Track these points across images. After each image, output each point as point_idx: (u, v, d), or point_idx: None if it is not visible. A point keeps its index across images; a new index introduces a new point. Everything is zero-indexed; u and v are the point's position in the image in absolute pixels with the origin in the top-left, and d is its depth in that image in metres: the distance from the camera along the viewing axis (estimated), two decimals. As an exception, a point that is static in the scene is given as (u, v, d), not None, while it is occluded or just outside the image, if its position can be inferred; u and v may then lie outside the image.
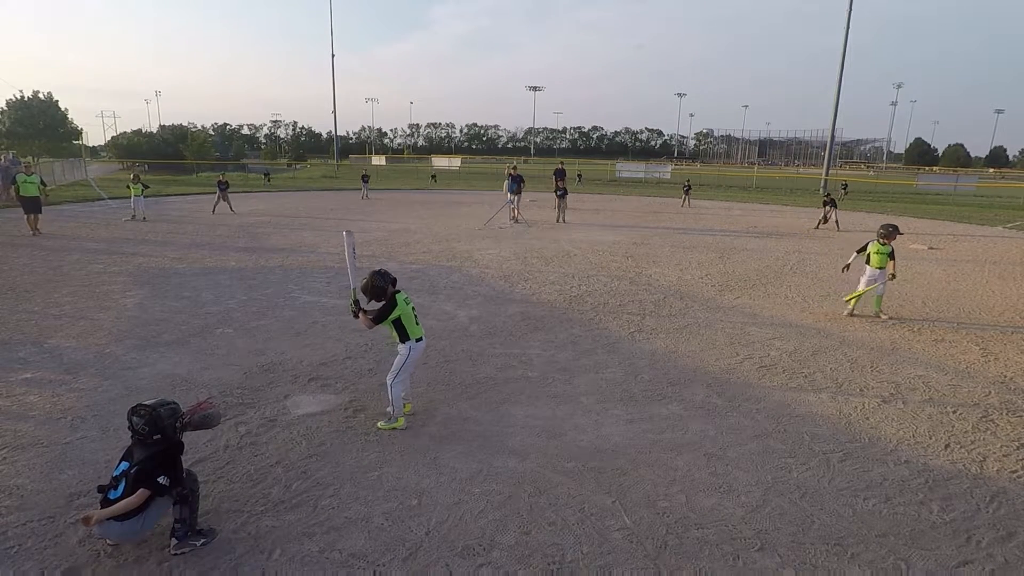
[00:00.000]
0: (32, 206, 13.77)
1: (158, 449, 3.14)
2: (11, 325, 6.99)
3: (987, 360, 6.51)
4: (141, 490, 3.04)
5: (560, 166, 21.64)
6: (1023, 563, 3.23)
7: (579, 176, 41.45)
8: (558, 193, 18.60)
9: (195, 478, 3.37)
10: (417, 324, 4.58)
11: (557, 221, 18.19)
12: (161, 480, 3.08)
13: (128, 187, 17.26)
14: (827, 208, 17.99)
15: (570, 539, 3.35)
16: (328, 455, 4.20)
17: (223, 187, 19.41)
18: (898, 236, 8.02)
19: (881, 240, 7.99)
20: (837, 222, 17.83)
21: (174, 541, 3.17)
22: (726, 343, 6.91)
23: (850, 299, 8.24)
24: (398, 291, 4.49)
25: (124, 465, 3.15)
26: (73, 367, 5.73)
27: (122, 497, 3.05)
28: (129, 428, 3.17)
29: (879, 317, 8.10)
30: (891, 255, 8.03)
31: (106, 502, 3.10)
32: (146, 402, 3.22)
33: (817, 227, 17.90)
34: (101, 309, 7.79)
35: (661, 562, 3.18)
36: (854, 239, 16.03)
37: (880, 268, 7.99)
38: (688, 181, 27.52)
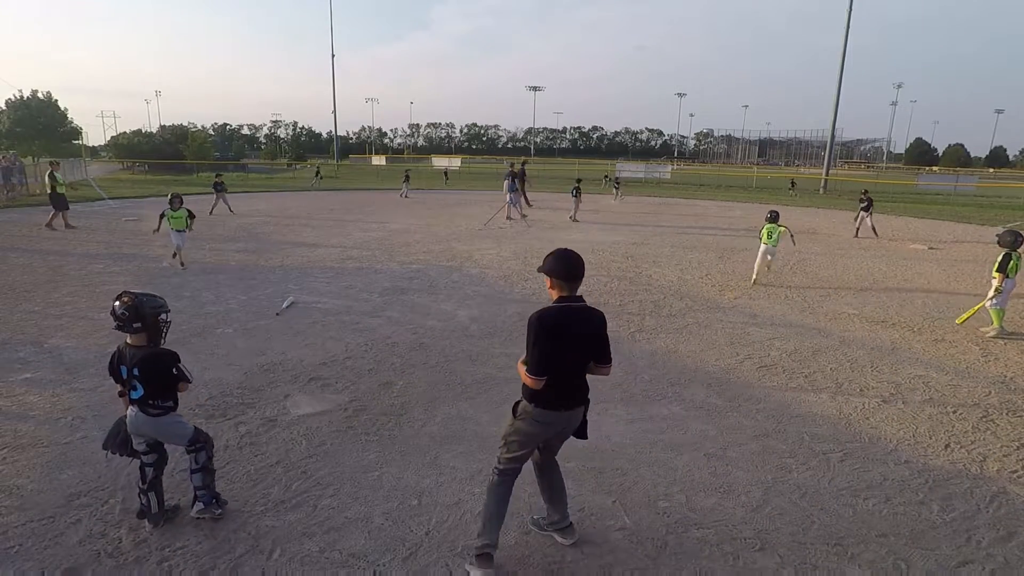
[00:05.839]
0: (64, 203, 14.96)
1: (151, 351, 3.22)
2: (11, 325, 6.99)
3: (987, 360, 6.51)
4: (181, 383, 3.27)
5: (577, 184, 20.51)
6: (1023, 563, 3.23)
7: (578, 182, 41.14)
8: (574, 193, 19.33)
9: (211, 441, 3.49)
10: None
11: (571, 218, 18.94)
12: (175, 372, 3.25)
13: (166, 218, 10.27)
14: (862, 213, 16.25)
15: (570, 539, 3.34)
16: (328, 455, 4.20)
17: (219, 188, 19.27)
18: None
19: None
20: (874, 228, 16.27)
21: (199, 506, 3.37)
22: (726, 343, 6.91)
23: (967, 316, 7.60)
24: None
25: (124, 370, 3.22)
26: (73, 367, 5.73)
27: (146, 393, 3.19)
28: (111, 314, 3.19)
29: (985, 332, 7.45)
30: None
31: (133, 401, 3.24)
32: (133, 290, 3.29)
33: (856, 235, 16.21)
34: (101, 309, 7.77)
35: (661, 562, 3.18)
36: (863, 243, 16.03)
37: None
38: (614, 176, 31.67)
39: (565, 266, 2.93)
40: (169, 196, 10.37)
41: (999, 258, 7.26)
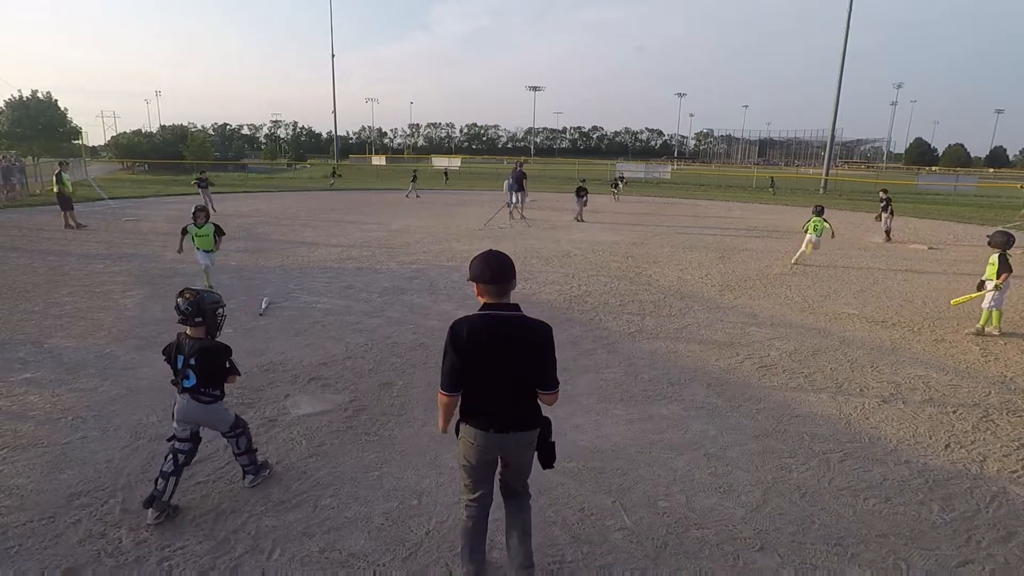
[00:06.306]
0: (69, 203, 15.19)
1: (208, 344, 3.47)
2: (11, 325, 6.99)
3: (987, 360, 6.51)
4: (231, 376, 3.57)
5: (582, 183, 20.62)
6: (1023, 563, 3.23)
7: (583, 182, 41.26)
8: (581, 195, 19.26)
9: (248, 425, 3.81)
10: None
11: (577, 219, 18.75)
12: (227, 365, 3.53)
13: (189, 234, 8.53)
14: (883, 213, 15.86)
15: (570, 539, 3.35)
16: (328, 455, 4.20)
17: (203, 184, 19.19)
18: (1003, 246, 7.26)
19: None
20: (888, 231, 15.84)
21: (249, 478, 3.74)
22: (726, 343, 6.91)
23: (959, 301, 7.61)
24: None
25: (181, 358, 3.44)
26: (73, 367, 5.73)
27: (198, 383, 3.43)
28: (175, 309, 3.48)
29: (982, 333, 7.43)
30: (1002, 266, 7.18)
31: (184, 389, 3.45)
32: (194, 287, 3.60)
33: (888, 239, 15.64)
34: (101, 309, 7.78)
35: (661, 562, 3.18)
36: (863, 243, 16.05)
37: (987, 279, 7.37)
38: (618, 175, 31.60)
39: (487, 268, 2.63)
40: (193, 210, 8.59)
41: (996, 260, 7.21)
